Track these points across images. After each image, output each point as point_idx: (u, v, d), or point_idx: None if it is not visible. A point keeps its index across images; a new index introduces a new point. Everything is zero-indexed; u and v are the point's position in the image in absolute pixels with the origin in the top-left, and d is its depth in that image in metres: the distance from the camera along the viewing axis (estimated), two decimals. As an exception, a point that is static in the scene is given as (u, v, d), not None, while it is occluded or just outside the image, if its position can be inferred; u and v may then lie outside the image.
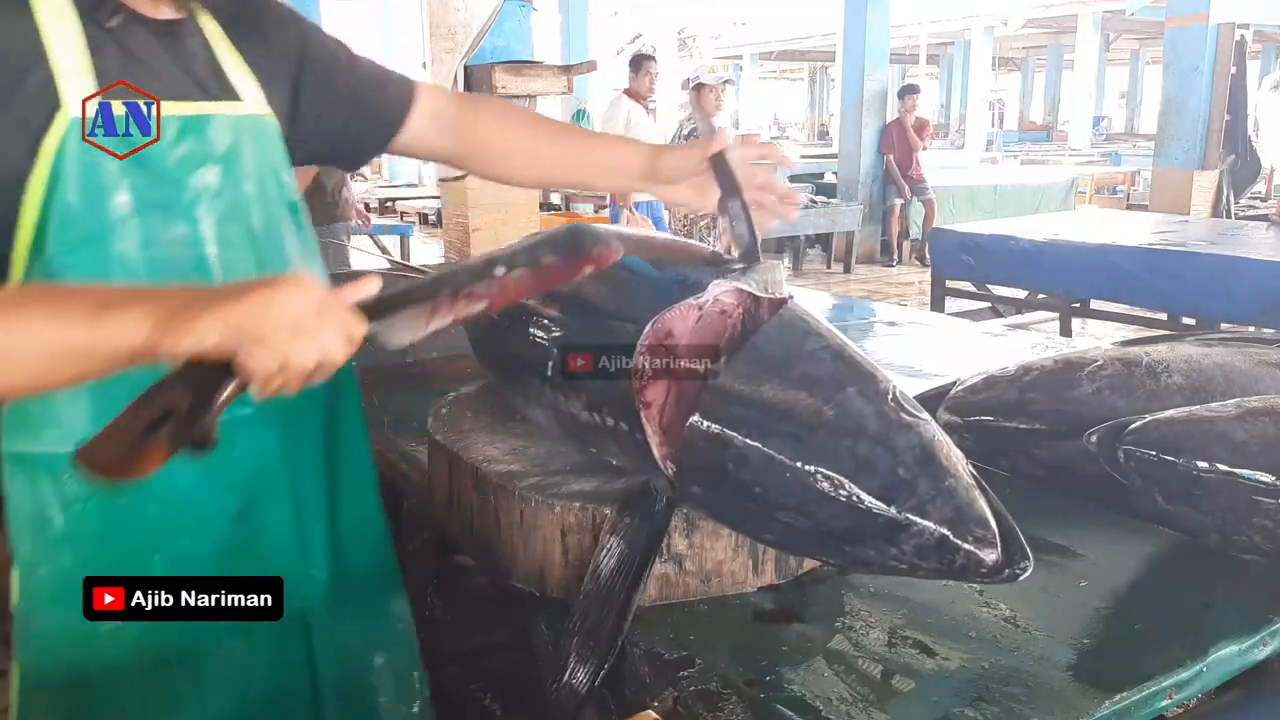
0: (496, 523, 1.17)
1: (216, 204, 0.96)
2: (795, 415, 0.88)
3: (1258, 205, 8.36)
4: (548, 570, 1.12)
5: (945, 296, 5.55)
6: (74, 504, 0.95)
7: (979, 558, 0.82)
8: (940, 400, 1.54)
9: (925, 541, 0.83)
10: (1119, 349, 1.54)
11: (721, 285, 0.98)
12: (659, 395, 0.99)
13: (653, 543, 1.02)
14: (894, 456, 0.85)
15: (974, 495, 0.85)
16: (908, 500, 0.83)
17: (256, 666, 1.05)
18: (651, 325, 0.97)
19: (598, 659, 0.98)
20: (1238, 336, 1.64)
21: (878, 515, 0.84)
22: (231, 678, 1.04)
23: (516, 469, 1.19)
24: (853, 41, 9.46)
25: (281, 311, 0.71)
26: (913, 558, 0.85)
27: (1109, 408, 1.37)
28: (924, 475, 0.84)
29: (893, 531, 0.84)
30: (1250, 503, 1.15)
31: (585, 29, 12.26)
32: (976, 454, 1.55)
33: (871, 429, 0.87)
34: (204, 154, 0.95)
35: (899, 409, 0.88)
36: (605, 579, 1.01)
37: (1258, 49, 14.48)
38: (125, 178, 0.89)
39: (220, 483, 0.99)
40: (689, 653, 0.99)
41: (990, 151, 16.53)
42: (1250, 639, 1.01)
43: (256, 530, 1.03)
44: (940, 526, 0.83)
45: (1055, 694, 0.91)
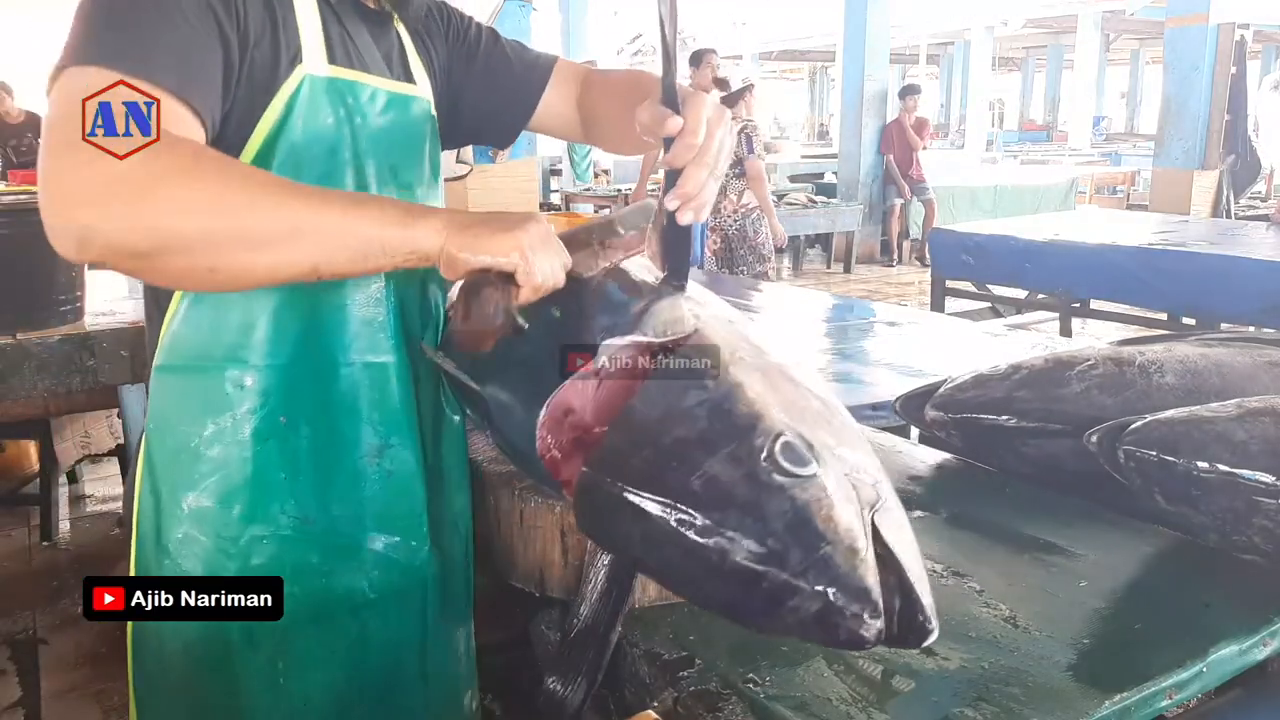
0: (496, 523, 1.17)
1: (399, 175, 1.08)
2: (667, 488, 0.80)
3: (1258, 205, 8.37)
4: (548, 570, 1.12)
5: (945, 296, 5.55)
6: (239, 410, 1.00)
7: (859, 633, 0.74)
8: (928, 398, 1.55)
9: (803, 616, 0.75)
10: (1113, 348, 1.54)
11: (613, 345, 0.91)
12: (576, 470, 0.91)
13: (629, 575, 1.01)
14: (764, 526, 0.77)
15: (855, 562, 0.76)
16: (781, 573, 0.76)
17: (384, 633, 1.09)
18: (547, 405, 0.92)
19: (588, 678, 0.99)
20: (1237, 336, 1.64)
21: (752, 590, 0.77)
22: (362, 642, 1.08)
23: (516, 469, 1.19)
24: (853, 41, 9.47)
25: (543, 238, 0.88)
26: (798, 629, 0.78)
27: (1097, 406, 1.38)
28: (796, 544, 0.76)
29: (771, 605, 0.77)
30: (1250, 503, 1.15)
31: (585, 29, 12.27)
32: (964, 450, 1.57)
33: (740, 497, 0.78)
34: (400, 128, 1.09)
35: (773, 469, 0.79)
36: (592, 604, 1.02)
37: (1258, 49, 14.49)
38: (340, 133, 1.01)
39: (365, 416, 1.06)
40: (689, 653, 0.99)
41: (990, 151, 16.54)
42: (1250, 639, 1.01)
43: (389, 473, 1.08)
44: (815, 601, 0.75)
45: (1055, 694, 0.91)
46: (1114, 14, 15.96)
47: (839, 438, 0.86)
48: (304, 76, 0.97)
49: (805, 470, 0.79)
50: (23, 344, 2.07)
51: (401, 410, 1.08)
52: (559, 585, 1.11)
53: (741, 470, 0.80)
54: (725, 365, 0.88)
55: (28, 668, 2.49)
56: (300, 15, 0.99)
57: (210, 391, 1.00)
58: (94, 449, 3.30)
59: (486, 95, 1.25)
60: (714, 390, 0.85)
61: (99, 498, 3.58)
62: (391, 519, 1.08)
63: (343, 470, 1.05)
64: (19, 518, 3.33)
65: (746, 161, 5.22)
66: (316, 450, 1.04)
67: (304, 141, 0.97)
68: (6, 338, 2.07)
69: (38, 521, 3.21)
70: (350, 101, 1.02)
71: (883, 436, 1.67)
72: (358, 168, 1.02)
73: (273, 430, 1.01)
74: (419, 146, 1.13)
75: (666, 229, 0.95)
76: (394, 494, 1.08)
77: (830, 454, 0.82)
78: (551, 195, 9.72)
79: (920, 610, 0.76)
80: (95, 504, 3.54)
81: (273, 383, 1.00)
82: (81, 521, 3.40)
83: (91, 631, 2.59)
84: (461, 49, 1.24)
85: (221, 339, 1.00)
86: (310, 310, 1.01)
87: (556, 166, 10.85)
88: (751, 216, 5.43)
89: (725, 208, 5.42)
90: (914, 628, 0.76)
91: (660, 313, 0.93)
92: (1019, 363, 1.52)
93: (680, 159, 0.90)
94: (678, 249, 0.97)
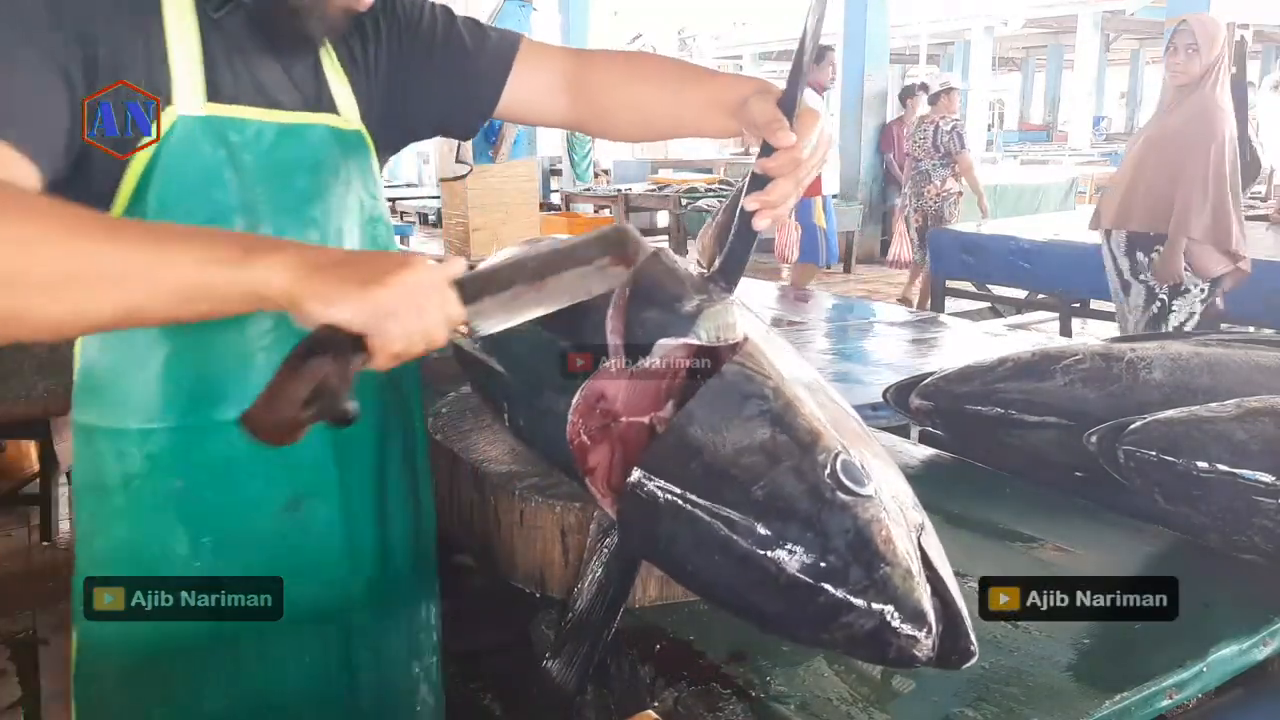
0: (496, 523, 1.17)
1: (303, 211, 0.99)
2: (723, 495, 0.81)
3: (1258, 205, 8.35)
4: (548, 570, 1.12)
5: (945, 296, 5.55)
6: (134, 480, 0.97)
7: (911, 653, 0.77)
8: (913, 389, 1.56)
9: (855, 633, 0.78)
10: (1105, 344, 1.55)
11: (667, 345, 0.91)
12: (602, 458, 0.94)
13: (630, 570, 1.01)
14: (825, 542, 0.78)
15: (912, 584, 0.78)
16: (837, 590, 0.77)
17: (295, 662, 1.06)
18: (581, 390, 0.92)
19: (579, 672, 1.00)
20: (1236, 336, 1.64)
21: (806, 604, 0.79)
22: (270, 672, 1.04)
23: (516, 469, 1.19)
24: (853, 41, 9.46)
25: (412, 293, 0.74)
26: (845, 645, 0.80)
27: (1079, 399, 1.39)
28: (856, 563, 0.77)
29: (823, 620, 0.79)
30: (1250, 503, 1.15)
31: (585, 29, 12.26)
32: (950, 441, 1.58)
33: (802, 511, 0.80)
34: (297, 162, 0.99)
35: (836, 486, 0.80)
36: (589, 600, 1.02)
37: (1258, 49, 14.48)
38: (221, 175, 0.92)
39: (273, 471, 1.00)
40: (689, 653, 0.99)
41: (990, 151, 16.53)
42: (1250, 639, 1.01)
43: (305, 524, 1.03)
44: (871, 620, 0.77)
45: (1055, 694, 0.91)
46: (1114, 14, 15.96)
47: (875, 453, 0.89)
48: (174, 118, 0.90)
49: (864, 490, 0.81)
50: (23, 344, 2.07)
51: (319, 460, 1.02)
52: (559, 585, 1.11)
53: (804, 485, 0.81)
54: (781, 377, 0.89)
55: (28, 668, 2.49)
56: (175, 52, 0.91)
57: (105, 455, 0.97)
58: (94, 449, 3.30)
59: (441, 87, 1.14)
60: (773, 402, 0.86)
61: (99, 498, 3.57)
62: (308, 567, 1.03)
63: (251, 530, 1.00)
64: (19, 518, 3.32)
65: (958, 154, 6.33)
66: (220, 512, 0.99)
67: (178, 187, 0.90)
68: (6, 337, 2.07)
69: (38, 521, 3.20)
70: (234, 139, 0.93)
71: (882, 436, 1.67)
72: (248, 209, 0.94)
73: (169, 498, 0.97)
74: (330, 176, 1.02)
75: (736, 229, 0.95)
76: (311, 545, 1.04)
77: (879, 475, 0.84)
78: (551, 195, 9.71)
79: (964, 634, 0.79)
80: (95, 504, 3.54)
81: (164, 446, 0.96)
82: (81, 521, 3.40)
83: (91, 631, 2.59)
84: (414, 43, 1.12)
85: (111, 396, 0.96)
86: (202, 360, 0.94)
87: (556, 166, 10.86)
88: (949, 200, 6.44)
89: (929, 192, 6.46)
90: (958, 649, 0.79)
91: (714, 317, 0.91)
92: (1007, 356, 1.53)
93: (779, 170, 0.91)
94: (738, 251, 0.97)
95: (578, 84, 1.15)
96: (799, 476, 0.81)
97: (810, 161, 0.93)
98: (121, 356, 0.95)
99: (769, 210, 0.92)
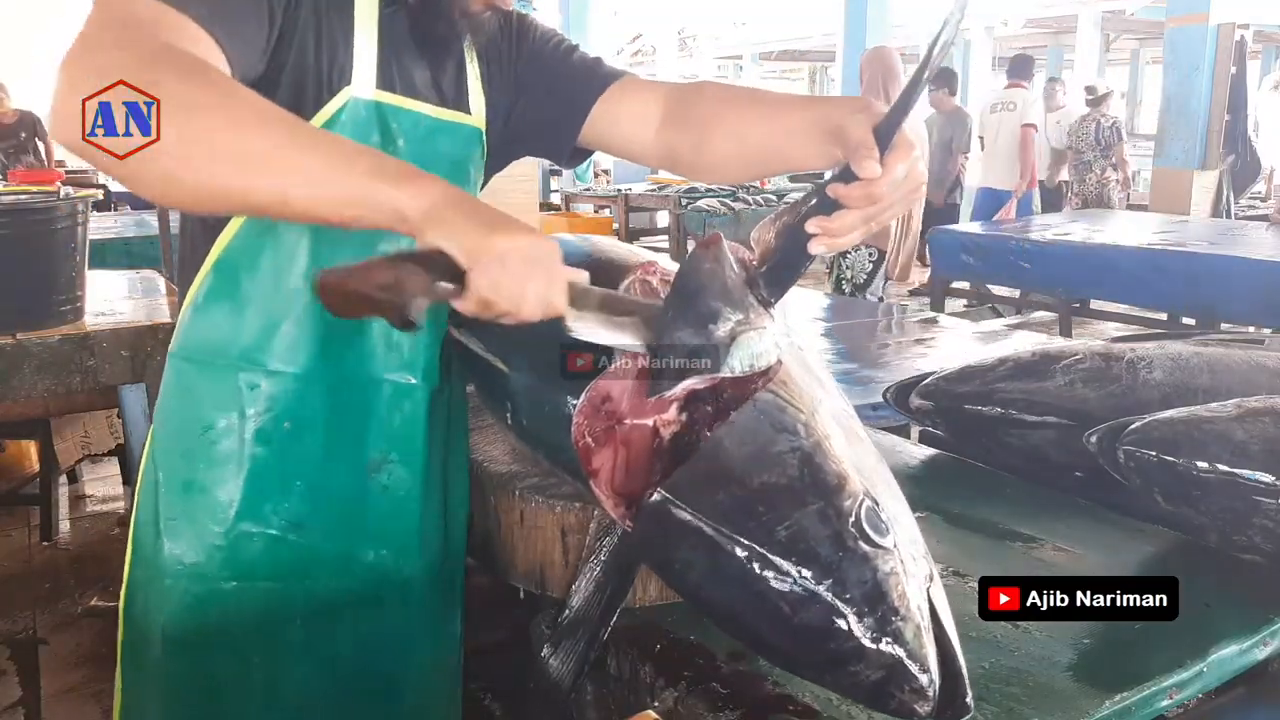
0: (496, 523, 1.17)
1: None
2: (747, 529, 0.81)
3: (1258, 205, 8.35)
4: (548, 570, 1.12)
5: (945, 296, 5.55)
6: (248, 420, 1.01)
7: (913, 706, 0.78)
8: (913, 389, 1.56)
9: (861, 681, 0.79)
10: (1105, 344, 1.55)
11: (690, 385, 0.87)
12: (607, 460, 0.93)
13: (629, 569, 1.02)
14: (843, 589, 0.79)
15: (922, 640, 0.79)
16: (849, 639, 0.78)
17: (352, 639, 1.08)
18: (586, 391, 0.92)
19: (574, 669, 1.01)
20: (1236, 337, 1.64)
21: (816, 647, 0.80)
22: (342, 646, 1.07)
23: (516, 469, 1.20)
24: (853, 41, 9.45)
25: (528, 256, 0.77)
26: (849, 690, 0.82)
27: (1078, 399, 1.40)
28: (870, 615, 0.78)
29: (830, 665, 0.80)
30: (1250, 503, 1.15)
31: (585, 29, 12.27)
32: (950, 441, 1.58)
33: (825, 557, 0.80)
34: (443, 155, 1.06)
35: (859, 535, 0.81)
36: (586, 597, 1.03)
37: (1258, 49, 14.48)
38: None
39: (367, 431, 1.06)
40: (689, 653, 0.99)
41: (990, 151, 16.49)
42: (1250, 639, 1.02)
43: (387, 488, 1.08)
44: (878, 672, 0.78)
45: (1055, 694, 0.91)
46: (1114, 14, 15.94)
47: (893, 495, 0.90)
48: (348, 99, 0.97)
49: (885, 540, 0.82)
50: (23, 344, 2.07)
51: (409, 428, 1.08)
52: (559, 585, 1.11)
53: (829, 529, 0.81)
54: (813, 411, 0.88)
55: (28, 668, 2.49)
56: (359, 36, 0.99)
57: (221, 387, 1.01)
58: (94, 449, 3.30)
59: (537, 106, 1.17)
60: (804, 439, 0.86)
61: (99, 498, 3.57)
62: (383, 533, 1.08)
63: (339, 481, 1.05)
64: (19, 518, 3.33)
65: (1118, 148, 7.31)
66: (316, 459, 1.04)
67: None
68: (6, 338, 2.07)
69: (38, 521, 3.21)
70: (393, 126, 1.01)
71: (882, 436, 1.67)
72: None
73: (276, 434, 1.02)
74: (461, 175, 1.10)
75: (791, 241, 0.91)
76: (389, 509, 1.08)
77: (896, 522, 0.85)
78: (551, 195, 9.71)
79: (963, 688, 0.80)
80: (95, 504, 3.54)
81: (284, 389, 1.01)
82: (81, 521, 3.40)
83: (91, 631, 2.59)
84: (540, 69, 1.17)
85: (239, 338, 1.00)
86: (333, 319, 0.99)
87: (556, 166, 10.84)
88: (1106, 188, 7.32)
89: (1090, 179, 7.35)
90: (954, 703, 0.79)
91: (749, 343, 0.87)
92: (1006, 356, 1.54)
93: (851, 201, 0.85)
94: (790, 263, 0.92)
95: (675, 113, 1.12)
96: (823, 520, 0.82)
97: (888, 200, 0.85)
98: (254, 301, 0.99)
99: (828, 240, 0.86)
